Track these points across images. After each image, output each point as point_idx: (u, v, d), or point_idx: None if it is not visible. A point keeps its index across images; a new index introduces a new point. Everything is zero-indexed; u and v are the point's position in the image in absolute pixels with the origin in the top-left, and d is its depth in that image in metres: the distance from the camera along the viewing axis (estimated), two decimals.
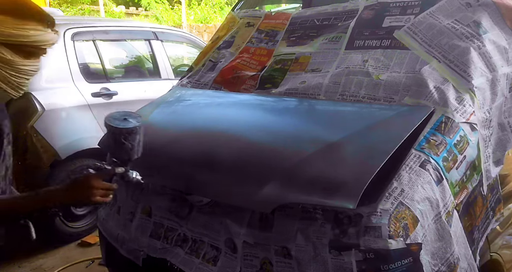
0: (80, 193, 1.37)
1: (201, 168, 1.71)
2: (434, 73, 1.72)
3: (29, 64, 1.34)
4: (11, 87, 1.33)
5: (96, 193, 1.37)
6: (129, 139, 1.41)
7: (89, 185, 1.37)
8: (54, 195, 1.37)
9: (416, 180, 1.44)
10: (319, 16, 2.26)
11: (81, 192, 1.37)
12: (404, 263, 1.35)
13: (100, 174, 1.41)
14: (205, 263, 1.69)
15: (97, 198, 1.38)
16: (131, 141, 1.41)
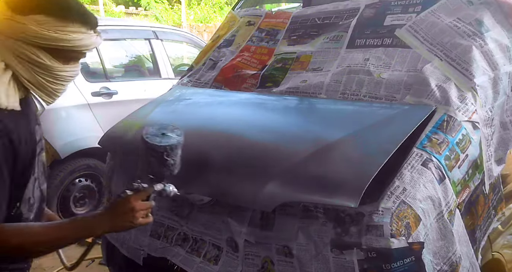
0: (122, 219, 1.25)
1: (201, 167, 1.71)
2: (436, 72, 1.71)
3: (68, 69, 1.24)
4: (46, 94, 1.25)
5: (137, 216, 1.27)
6: (171, 155, 1.31)
7: (131, 208, 1.26)
8: (95, 223, 1.25)
9: (418, 179, 1.44)
10: (320, 15, 2.25)
11: (122, 217, 1.25)
12: (406, 262, 1.34)
13: (139, 194, 1.29)
14: (206, 262, 1.69)
15: (139, 220, 1.27)
16: (174, 156, 1.31)
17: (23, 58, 1.17)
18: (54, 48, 1.18)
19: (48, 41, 1.16)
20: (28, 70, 1.19)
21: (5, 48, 1.17)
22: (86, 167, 3.92)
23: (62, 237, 1.21)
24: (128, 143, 1.97)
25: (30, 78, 1.20)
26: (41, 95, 1.25)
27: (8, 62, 1.18)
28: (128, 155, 1.95)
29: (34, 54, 1.17)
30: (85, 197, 3.99)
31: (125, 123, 2.15)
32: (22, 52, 1.17)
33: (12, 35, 1.16)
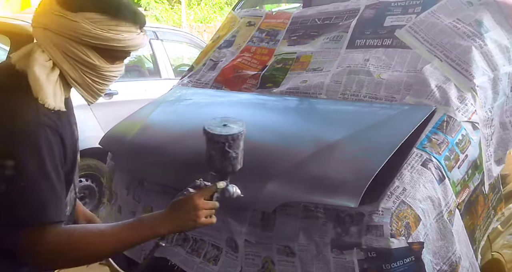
0: (185, 218, 1.20)
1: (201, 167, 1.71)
2: (435, 72, 1.72)
3: (114, 69, 1.20)
4: (90, 94, 1.21)
5: (201, 215, 1.21)
6: (233, 146, 1.25)
7: (194, 206, 1.20)
8: (159, 223, 1.20)
9: (418, 179, 1.44)
10: (320, 15, 2.26)
11: (186, 216, 1.20)
12: (406, 262, 1.35)
13: (202, 192, 1.24)
14: (206, 262, 1.69)
15: (202, 220, 1.22)
16: (235, 149, 1.26)
17: (71, 56, 1.14)
18: (103, 47, 1.15)
19: (99, 41, 1.13)
20: (76, 69, 1.16)
21: (54, 46, 1.14)
22: (87, 167, 3.93)
23: (128, 238, 1.17)
24: (128, 144, 1.97)
25: (77, 77, 1.17)
26: (85, 95, 1.21)
27: (56, 60, 1.14)
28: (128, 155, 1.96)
29: (83, 53, 1.14)
30: (85, 197, 4.00)
31: (126, 124, 2.15)
32: (71, 51, 1.13)
33: (63, 32, 1.12)
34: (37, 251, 1.07)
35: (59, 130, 1.13)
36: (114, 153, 2.11)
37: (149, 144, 1.94)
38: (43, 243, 1.07)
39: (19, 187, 1.05)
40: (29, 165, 1.06)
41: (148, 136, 1.99)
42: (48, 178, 1.08)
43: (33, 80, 1.11)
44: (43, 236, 1.07)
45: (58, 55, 1.14)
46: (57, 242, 1.09)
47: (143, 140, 1.97)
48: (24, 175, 1.05)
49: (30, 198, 1.06)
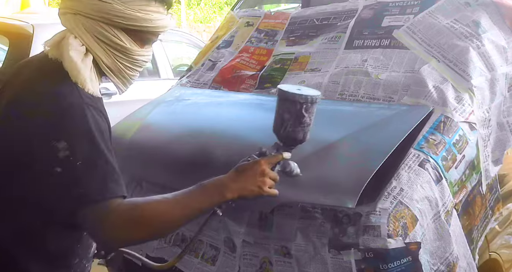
0: (251, 182, 1.15)
1: (200, 167, 1.71)
2: (433, 73, 1.72)
3: (145, 53, 1.19)
4: (122, 81, 1.20)
5: (267, 182, 1.16)
6: (310, 111, 1.18)
7: (261, 171, 1.15)
8: (225, 186, 1.14)
9: (415, 179, 1.45)
10: (318, 15, 2.26)
11: (252, 180, 1.15)
12: (403, 262, 1.35)
13: (269, 159, 1.19)
14: (204, 262, 1.69)
15: (267, 189, 1.16)
16: (311, 114, 1.19)
17: (103, 41, 1.13)
18: (134, 29, 1.14)
19: (131, 22, 1.12)
20: (108, 54, 1.15)
21: (85, 31, 1.13)
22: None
23: (195, 204, 1.12)
24: (127, 144, 1.98)
25: (110, 63, 1.16)
26: (117, 82, 1.20)
27: (89, 45, 1.13)
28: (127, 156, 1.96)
29: (115, 36, 1.13)
30: None
31: (124, 124, 2.15)
32: (103, 34, 1.13)
33: (94, 15, 1.12)
34: (104, 227, 1.03)
35: (102, 110, 1.13)
36: None
37: (148, 144, 1.94)
38: (109, 218, 1.02)
39: (76, 167, 1.03)
40: (81, 144, 1.04)
41: (147, 136, 1.99)
42: (102, 154, 1.06)
43: (70, 64, 1.10)
44: (108, 211, 1.03)
45: (91, 40, 1.13)
46: (123, 215, 1.04)
47: (141, 140, 1.97)
48: (78, 154, 1.03)
49: (88, 176, 1.04)
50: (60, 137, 1.04)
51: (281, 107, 1.22)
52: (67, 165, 1.03)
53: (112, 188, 1.05)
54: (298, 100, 1.19)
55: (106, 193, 1.04)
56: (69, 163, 1.03)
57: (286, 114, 1.20)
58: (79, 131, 1.05)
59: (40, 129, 1.05)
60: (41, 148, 1.04)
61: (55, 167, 1.03)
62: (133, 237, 1.07)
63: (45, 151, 1.04)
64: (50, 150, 1.03)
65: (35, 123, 1.06)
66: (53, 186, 1.05)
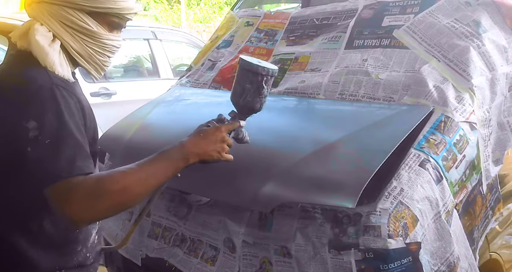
0: (212, 147, 1.20)
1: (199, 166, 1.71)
2: (433, 72, 1.72)
3: (113, 38, 1.21)
4: (94, 67, 1.22)
5: (225, 148, 1.23)
6: (268, 83, 1.26)
7: (221, 138, 1.22)
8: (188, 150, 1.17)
9: (416, 179, 1.44)
10: (318, 15, 2.26)
11: (213, 146, 1.20)
12: (403, 263, 1.35)
13: (227, 126, 1.25)
14: (203, 263, 1.69)
15: (224, 154, 1.23)
16: (268, 86, 1.27)
17: (70, 26, 1.16)
18: (99, 11, 1.16)
19: (94, 3, 1.15)
20: (77, 39, 1.17)
21: (50, 16, 1.15)
22: None
23: (160, 171, 1.13)
24: (126, 144, 1.97)
25: (79, 48, 1.18)
26: (89, 69, 1.22)
27: (56, 32, 1.16)
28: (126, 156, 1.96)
29: (80, 20, 1.15)
30: None
31: (124, 124, 2.15)
32: (69, 19, 1.15)
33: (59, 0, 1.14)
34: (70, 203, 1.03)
35: (75, 92, 1.15)
36: (112, 153, 2.11)
37: (147, 144, 1.94)
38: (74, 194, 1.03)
39: (44, 145, 1.05)
40: (50, 123, 1.06)
41: (146, 136, 1.99)
42: (71, 133, 1.08)
43: (37, 49, 1.13)
44: (73, 187, 1.03)
45: (57, 26, 1.16)
46: (88, 189, 1.04)
47: (141, 140, 1.97)
48: (47, 132, 1.05)
49: (56, 153, 1.05)
50: (30, 117, 1.06)
51: (242, 77, 1.28)
52: (36, 144, 1.05)
53: (80, 166, 1.06)
54: (261, 72, 1.26)
55: (73, 170, 1.05)
56: (37, 142, 1.05)
57: (248, 84, 1.27)
58: (48, 111, 1.07)
59: (12, 112, 1.08)
60: (14, 130, 1.07)
61: (26, 146, 1.05)
62: (99, 211, 1.06)
63: (17, 132, 1.06)
64: (22, 130, 1.05)
65: (8, 108, 1.09)
66: (27, 167, 1.06)
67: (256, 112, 1.33)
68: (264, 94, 1.29)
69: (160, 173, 1.14)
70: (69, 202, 1.03)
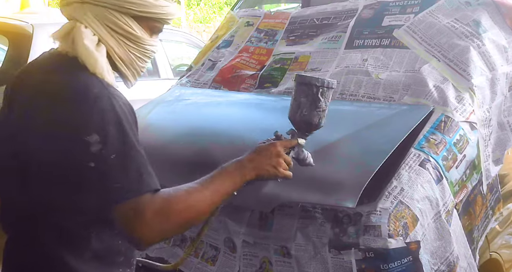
0: (267, 163, 1.17)
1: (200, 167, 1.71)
2: (433, 72, 1.72)
3: (154, 43, 1.16)
4: (132, 73, 1.16)
5: (282, 163, 1.19)
6: (325, 95, 1.22)
7: (276, 152, 1.19)
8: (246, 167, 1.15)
9: (416, 179, 1.45)
10: (318, 15, 2.26)
11: (268, 161, 1.17)
12: (403, 262, 1.35)
13: (284, 142, 1.22)
14: (204, 262, 1.69)
15: (282, 170, 1.19)
16: (327, 99, 1.23)
17: (115, 29, 1.10)
18: (145, 16, 1.11)
19: (143, 8, 1.10)
20: (120, 44, 1.11)
21: (96, 19, 1.09)
22: None
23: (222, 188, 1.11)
24: None
25: (122, 53, 1.12)
26: (128, 75, 1.16)
27: (101, 35, 1.09)
28: None
29: (126, 24, 1.10)
30: None
31: None
32: (114, 22, 1.09)
33: (104, 2, 1.09)
34: (141, 223, 0.98)
35: (126, 101, 1.08)
36: None
37: (147, 144, 1.93)
38: (144, 214, 0.97)
39: (110, 160, 0.98)
40: (113, 137, 0.99)
41: (146, 136, 1.99)
42: (134, 146, 1.02)
43: (86, 54, 1.06)
44: (143, 207, 0.98)
45: (102, 29, 1.10)
46: (157, 211, 0.99)
47: (141, 140, 1.96)
48: (110, 147, 0.98)
49: (123, 169, 0.99)
50: (91, 130, 0.99)
51: (297, 91, 1.25)
52: (100, 159, 0.98)
53: (148, 182, 1.01)
54: (315, 83, 1.23)
55: (142, 187, 1.00)
56: (102, 157, 0.98)
57: (303, 98, 1.24)
58: (109, 123, 1.00)
59: (68, 125, 1.00)
60: (72, 144, 0.99)
61: (88, 162, 0.98)
62: (167, 230, 1.03)
63: (76, 147, 0.99)
64: (82, 145, 0.98)
65: (62, 120, 1.01)
66: (87, 183, 1.00)
67: (316, 129, 1.27)
68: (321, 107, 1.24)
69: (221, 190, 1.12)
70: (139, 222, 0.98)
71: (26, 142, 1.05)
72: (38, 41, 3.44)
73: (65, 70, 1.07)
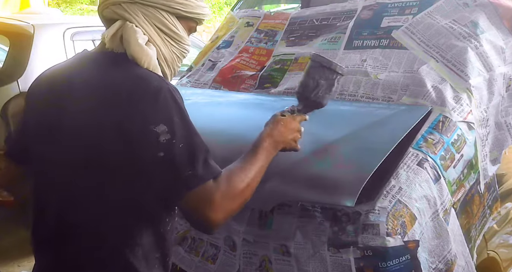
0: (290, 136, 1.27)
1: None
2: (431, 73, 1.74)
3: (189, 43, 1.21)
4: (170, 74, 1.20)
5: (299, 137, 1.29)
6: (339, 82, 1.35)
7: (298, 128, 1.29)
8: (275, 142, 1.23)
9: (414, 179, 1.46)
10: (318, 16, 2.27)
11: (291, 135, 1.27)
12: (402, 261, 1.36)
13: (299, 117, 1.31)
14: (204, 261, 1.70)
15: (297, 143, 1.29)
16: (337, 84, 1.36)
17: (162, 29, 1.14)
18: (188, 16, 1.16)
19: (189, 9, 1.15)
20: (166, 44, 1.16)
21: (145, 19, 1.13)
22: None
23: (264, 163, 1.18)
24: None
25: (167, 53, 1.16)
26: (167, 74, 1.20)
27: (150, 35, 1.13)
28: None
29: (172, 24, 1.14)
30: None
31: None
32: (163, 23, 1.13)
33: (155, 2, 1.12)
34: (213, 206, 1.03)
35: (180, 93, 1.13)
36: None
37: None
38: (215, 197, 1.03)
39: (179, 149, 1.02)
40: (178, 126, 1.03)
41: None
42: (197, 135, 1.07)
43: (140, 51, 1.09)
44: (213, 190, 1.03)
45: (151, 29, 1.13)
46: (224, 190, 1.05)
47: None
48: (178, 135, 1.02)
49: (193, 157, 1.03)
50: (158, 121, 1.02)
51: (318, 73, 1.33)
52: (170, 149, 1.01)
53: (213, 167, 1.07)
54: (338, 71, 1.33)
55: (209, 173, 1.05)
56: (171, 146, 1.01)
57: (323, 81, 1.32)
58: (173, 113, 1.04)
59: (134, 117, 1.03)
60: (141, 136, 1.02)
61: (158, 152, 1.01)
62: (233, 210, 1.08)
63: (146, 138, 1.02)
64: (150, 135, 1.01)
65: (128, 114, 1.03)
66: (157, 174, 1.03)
67: (319, 109, 1.38)
68: (333, 91, 1.36)
69: (264, 166, 1.18)
70: (209, 206, 1.02)
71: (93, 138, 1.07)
72: (39, 41, 3.45)
73: (120, 65, 1.11)
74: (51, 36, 3.56)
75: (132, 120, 1.03)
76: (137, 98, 1.04)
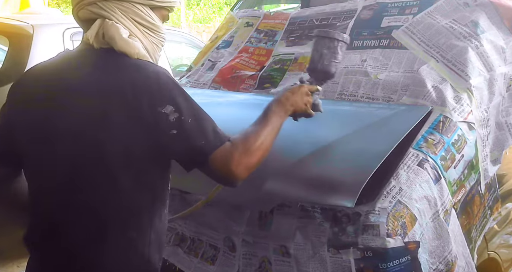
0: (301, 100, 1.34)
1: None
2: (432, 73, 1.73)
3: (165, 31, 1.26)
4: None
5: (310, 101, 1.37)
6: (342, 49, 1.42)
7: (306, 92, 1.36)
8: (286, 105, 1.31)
9: (414, 179, 1.45)
10: (317, 16, 2.27)
11: (301, 99, 1.35)
12: (402, 261, 1.36)
13: (308, 86, 1.39)
14: (203, 262, 1.70)
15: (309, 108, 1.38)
16: (342, 52, 1.42)
17: (140, 22, 1.19)
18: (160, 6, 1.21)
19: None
20: (145, 36, 1.20)
21: (122, 14, 1.17)
22: None
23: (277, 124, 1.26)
24: None
25: (148, 45, 1.21)
26: None
27: (130, 29, 1.18)
28: None
29: (148, 15, 1.19)
30: None
31: None
32: (140, 15, 1.18)
33: None
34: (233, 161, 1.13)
35: None
36: None
37: None
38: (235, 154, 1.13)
39: (189, 124, 1.11)
40: (183, 104, 1.12)
41: None
42: (200, 108, 1.17)
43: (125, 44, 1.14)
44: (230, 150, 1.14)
45: (130, 23, 1.18)
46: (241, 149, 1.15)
47: None
48: (186, 112, 1.12)
49: (203, 128, 1.13)
50: (164, 103, 1.10)
51: (320, 44, 1.43)
52: (181, 125, 1.11)
53: (223, 133, 1.17)
54: (337, 37, 1.41)
55: (220, 138, 1.15)
56: (182, 122, 1.11)
57: (325, 50, 1.41)
58: (176, 93, 1.13)
59: (141, 104, 1.10)
60: (150, 119, 1.10)
61: (171, 130, 1.10)
62: (252, 166, 1.17)
63: (156, 121, 1.10)
64: (159, 117, 1.10)
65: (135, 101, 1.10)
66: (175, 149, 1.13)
67: (331, 78, 1.45)
68: (338, 59, 1.42)
69: (275, 126, 1.26)
70: (230, 164, 1.13)
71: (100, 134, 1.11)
72: (38, 42, 3.44)
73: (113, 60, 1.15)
74: (51, 36, 3.55)
75: (140, 108, 1.09)
76: (140, 85, 1.11)
